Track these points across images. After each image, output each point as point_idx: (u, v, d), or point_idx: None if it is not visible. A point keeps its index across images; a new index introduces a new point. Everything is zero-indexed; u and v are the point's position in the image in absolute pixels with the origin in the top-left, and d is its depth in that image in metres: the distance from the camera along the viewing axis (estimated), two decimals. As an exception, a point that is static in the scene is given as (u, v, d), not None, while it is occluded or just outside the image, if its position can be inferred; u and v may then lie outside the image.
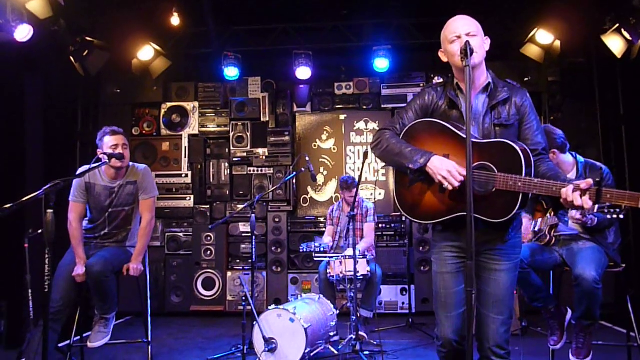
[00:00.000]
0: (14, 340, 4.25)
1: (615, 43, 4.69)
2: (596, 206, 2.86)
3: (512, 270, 2.18)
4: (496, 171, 2.03)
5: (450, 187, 2.05)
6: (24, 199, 2.45)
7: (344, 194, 4.88)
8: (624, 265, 3.22)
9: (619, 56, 4.72)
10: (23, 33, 4.22)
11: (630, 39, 4.57)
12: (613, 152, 5.51)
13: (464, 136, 2.05)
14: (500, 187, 2.00)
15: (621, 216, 2.65)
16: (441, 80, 2.35)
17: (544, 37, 5.20)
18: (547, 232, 3.26)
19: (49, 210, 2.48)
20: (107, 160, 3.33)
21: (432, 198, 2.16)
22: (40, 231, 2.60)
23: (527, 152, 2.05)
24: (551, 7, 5.04)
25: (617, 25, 4.64)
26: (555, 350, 3.30)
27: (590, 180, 1.88)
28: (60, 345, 3.50)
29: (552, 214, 3.28)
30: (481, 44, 2.14)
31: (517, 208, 1.99)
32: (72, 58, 4.97)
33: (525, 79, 5.76)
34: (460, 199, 2.05)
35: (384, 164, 2.41)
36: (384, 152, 2.22)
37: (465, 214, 1.86)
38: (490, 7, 5.27)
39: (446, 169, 2.04)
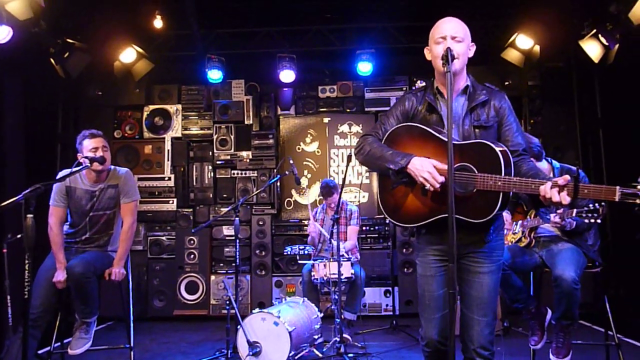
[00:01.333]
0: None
1: (593, 48, 4.80)
2: (574, 210, 2.93)
3: (495, 272, 2.20)
4: (476, 172, 2.05)
5: (431, 189, 2.07)
6: (3, 203, 2.41)
7: (327, 200, 4.91)
8: (601, 266, 3.29)
9: (596, 61, 4.83)
10: (2, 34, 4.16)
11: (607, 44, 4.69)
12: (591, 155, 5.63)
13: (444, 139, 2.08)
14: (480, 187, 2.03)
15: (599, 220, 2.71)
16: (423, 84, 2.37)
17: (524, 42, 5.31)
18: (527, 234, 3.32)
19: (29, 215, 2.44)
20: (89, 164, 3.29)
21: (415, 201, 2.18)
22: (19, 236, 2.55)
23: (507, 153, 2.08)
24: (531, 13, 5.15)
25: (595, 30, 4.76)
26: (536, 350, 3.36)
27: (567, 177, 1.92)
28: (40, 352, 3.44)
29: (532, 216, 3.34)
30: (465, 51, 2.16)
31: (498, 208, 2.02)
32: (52, 60, 4.90)
33: (506, 83, 5.87)
34: (442, 200, 2.07)
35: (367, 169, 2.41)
36: (366, 156, 2.25)
37: (447, 215, 1.89)
38: (472, 12, 5.36)
39: (427, 170, 2.06)
